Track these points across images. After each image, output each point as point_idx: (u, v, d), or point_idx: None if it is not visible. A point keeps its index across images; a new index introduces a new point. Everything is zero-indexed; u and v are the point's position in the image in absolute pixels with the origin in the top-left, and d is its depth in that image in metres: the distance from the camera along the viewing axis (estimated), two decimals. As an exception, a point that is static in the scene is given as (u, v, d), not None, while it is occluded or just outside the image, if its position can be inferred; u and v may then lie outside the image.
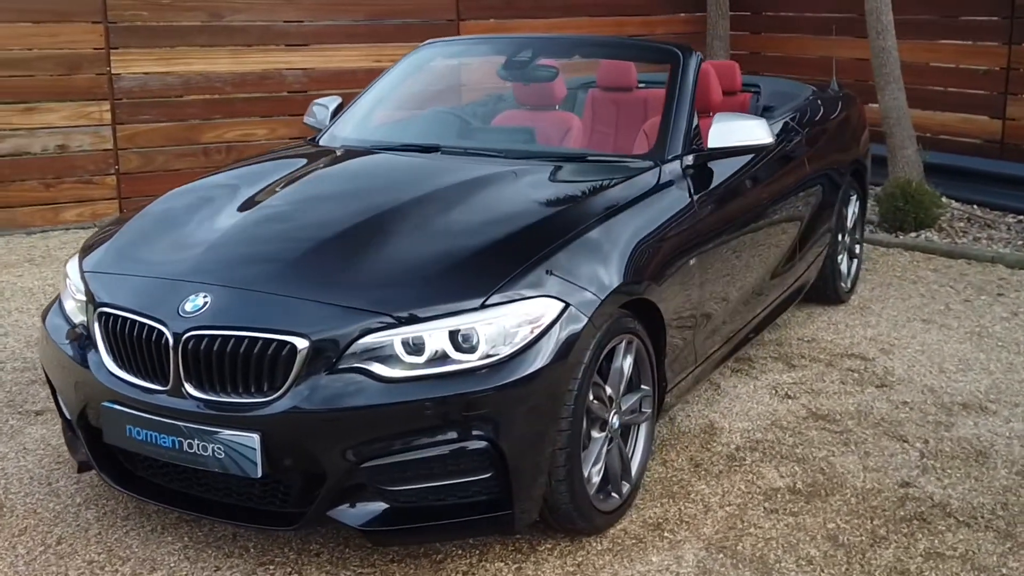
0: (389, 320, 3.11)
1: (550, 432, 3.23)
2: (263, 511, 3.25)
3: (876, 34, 7.64)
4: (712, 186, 4.29)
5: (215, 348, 3.14)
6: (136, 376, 3.30)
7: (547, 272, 3.33)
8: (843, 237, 5.95)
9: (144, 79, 8.14)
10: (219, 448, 3.12)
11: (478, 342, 3.12)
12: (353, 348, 3.09)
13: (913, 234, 7.33)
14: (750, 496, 3.83)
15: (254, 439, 3.08)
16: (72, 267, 3.72)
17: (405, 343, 3.10)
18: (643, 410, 3.77)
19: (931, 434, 4.33)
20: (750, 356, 5.18)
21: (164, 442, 3.20)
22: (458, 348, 3.13)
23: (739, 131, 4.24)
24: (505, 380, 3.11)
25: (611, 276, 3.46)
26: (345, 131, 4.77)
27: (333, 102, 5.08)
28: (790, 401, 4.65)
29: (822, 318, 5.76)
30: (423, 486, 3.14)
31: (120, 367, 3.34)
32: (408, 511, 3.18)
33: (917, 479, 3.95)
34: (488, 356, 3.13)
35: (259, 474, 3.10)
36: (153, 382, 3.26)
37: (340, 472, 3.08)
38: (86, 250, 3.80)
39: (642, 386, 3.75)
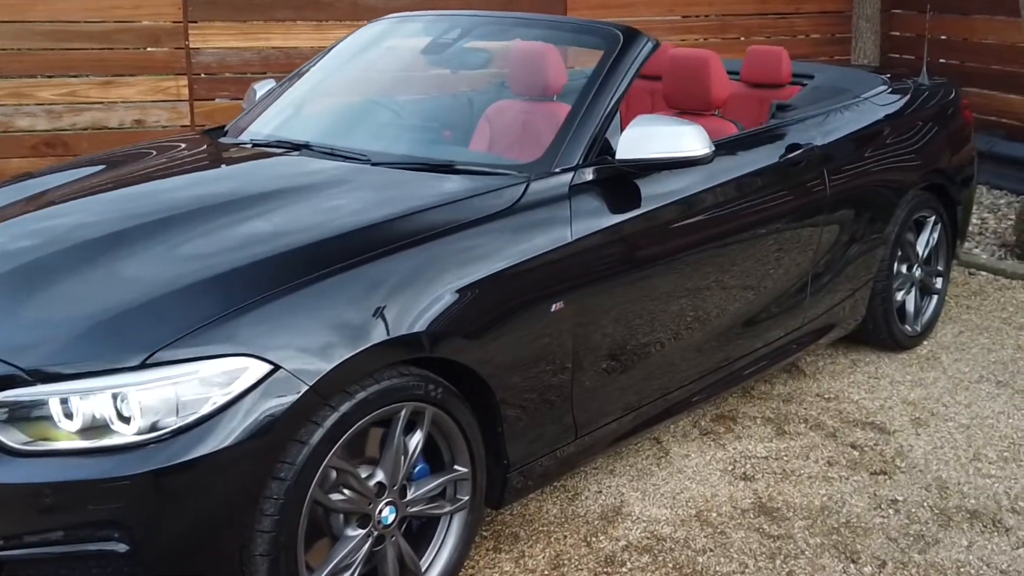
0: (17, 373, 2.45)
1: (237, 535, 2.47)
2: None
3: (1030, 14, 6.23)
4: (624, 207, 3.32)
5: None
6: None
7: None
8: (911, 269, 4.78)
9: (222, 54, 7.82)
10: None
11: (133, 412, 2.41)
12: None
13: (1052, 264, 5.92)
14: (590, 621, 2.93)
15: None
16: None
17: (63, 404, 2.44)
18: (458, 497, 2.95)
19: (897, 554, 3.23)
20: (737, 413, 4.16)
21: None
22: (120, 417, 2.43)
23: (658, 139, 3.27)
24: (159, 465, 2.37)
25: (370, 329, 2.64)
26: (248, 122, 4.10)
27: (265, 86, 4.44)
28: (743, 484, 3.64)
29: (867, 368, 4.61)
30: (67, 592, 2.47)
31: None
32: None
33: (832, 623, 2.92)
34: (150, 431, 2.41)
35: None
36: None
37: (-41, 559, 2.47)
38: None
39: (456, 467, 2.93)
